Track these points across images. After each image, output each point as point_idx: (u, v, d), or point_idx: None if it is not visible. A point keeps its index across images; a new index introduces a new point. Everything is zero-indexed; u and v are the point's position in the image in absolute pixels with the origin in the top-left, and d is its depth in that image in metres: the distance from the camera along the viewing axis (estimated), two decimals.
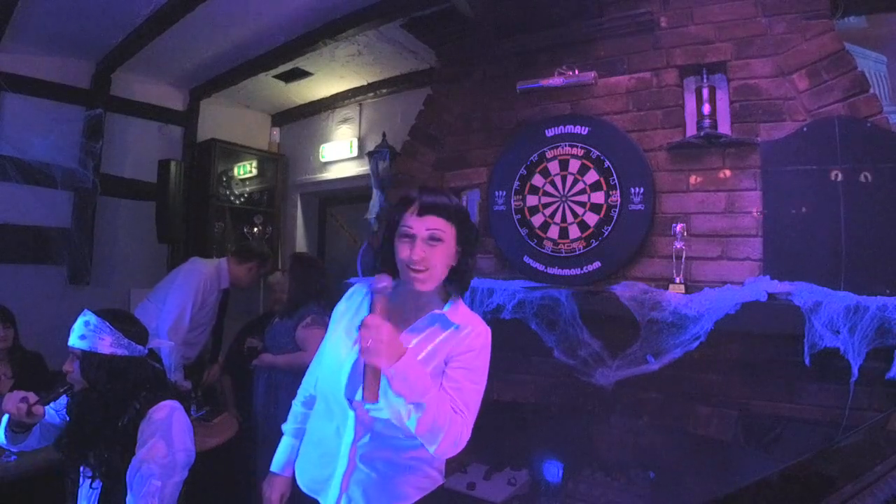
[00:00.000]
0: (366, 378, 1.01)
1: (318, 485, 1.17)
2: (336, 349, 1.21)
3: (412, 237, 1.14)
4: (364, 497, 1.13)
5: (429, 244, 1.14)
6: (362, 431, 1.13)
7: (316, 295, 2.48)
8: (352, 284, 1.35)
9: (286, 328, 2.42)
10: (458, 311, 1.21)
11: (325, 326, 1.33)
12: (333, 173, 3.98)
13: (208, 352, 3.00)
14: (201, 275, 2.74)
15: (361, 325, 1.02)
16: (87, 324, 1.44)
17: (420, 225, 1.14)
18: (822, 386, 1.78)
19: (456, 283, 1.23)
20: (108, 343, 1.43)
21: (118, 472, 1.33)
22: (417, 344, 1.17)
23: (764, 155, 1.99)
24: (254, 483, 2.34)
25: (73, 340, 1.43)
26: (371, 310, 1.07)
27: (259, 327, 2.76)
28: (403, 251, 1.14)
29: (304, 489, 1.21)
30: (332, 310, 1.32)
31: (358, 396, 1.12)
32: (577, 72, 2.35)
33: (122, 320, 1.49)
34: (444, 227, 1.15)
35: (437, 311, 1.19)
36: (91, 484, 1.36)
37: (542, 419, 2.56)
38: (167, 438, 1.34)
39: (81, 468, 1.39)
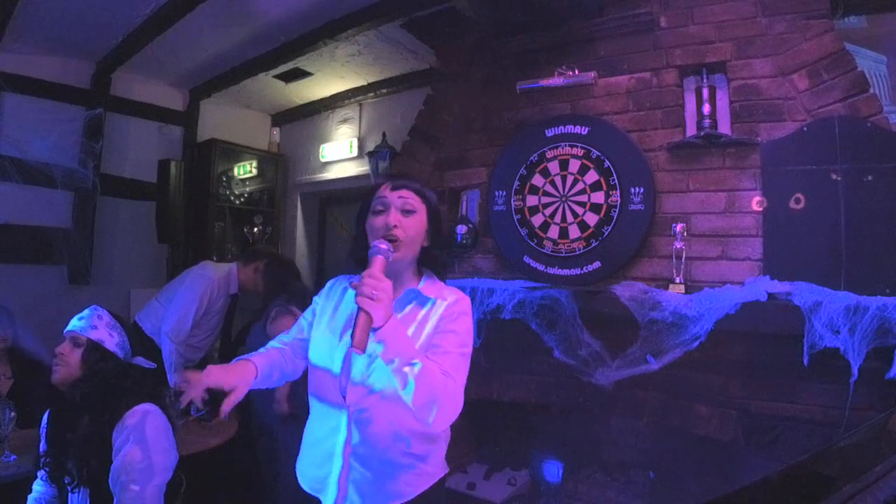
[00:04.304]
0: (357, 326, 0.98)
1: (318, 484, 1.18)
2: (322, 348, 1.21)
3: (386, 206, 1.18)
4: (360, 496, 1.13)
5: (403, 213, 1.18)
6: (355, 431, 1.13)
7: (283, 292, 2.45)
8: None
9: (259, 330, 2.41)
10: (433, 287, 1.23)
11: (291, 314, 1.33)
12: (333, 173, 3.98)
13: (215, 353, 3.01)
14: (209, 280, 2.74)
15: (364, 276, 1.01)
16: (99, 317, 1.47)
17: (393, 195, 1.19)
18: (822, 386, 1.78)
19: (430, 266, 1.26)
20: (115, 342, 1.47)
21: (98, 476, 1.33)
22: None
23: (764, 155, 1.99)
24: (254, 483, 2.35)
25: (82, 328, 1.44)
26: (371, 266, 1.05)
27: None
28: (378, 221, 1.17)
29: (305, 489, 1.21)
30: (297, 300, 1.32)
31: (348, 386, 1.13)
32: (577, 72, 2.35)
33: (125, 324, 1.54)
34: (416, 201, 1.21)
35: (410, 287, 1.21)
36: (73, 489, 1.36)
37: (542, 419, 2.56)
38: (141, 443, 1.34)
39: (65, 479, 1.37)
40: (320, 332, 1.24)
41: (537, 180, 2.42)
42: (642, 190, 2.18)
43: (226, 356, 3.02)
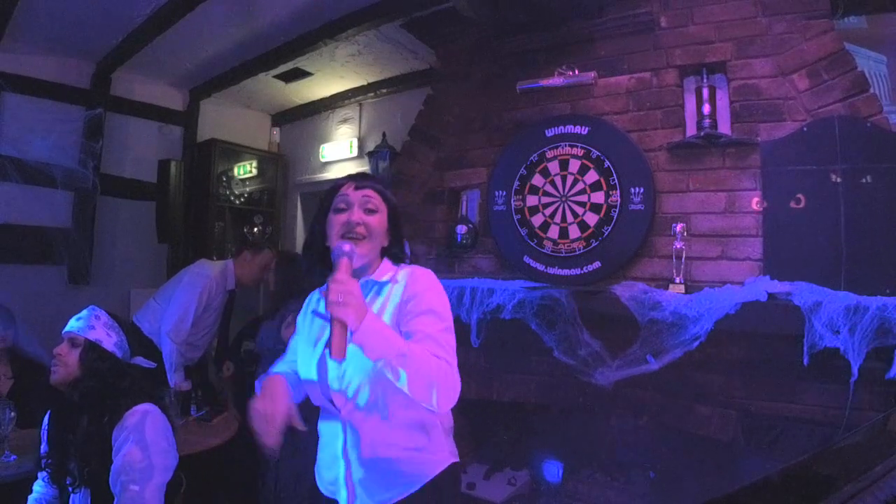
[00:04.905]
0: (332, 335, 0.97)
1: (332, 486, 1.20)
2: (305, 359, 1.22)
3: (349, 204, 1.18)
4: (368, 494, 1.15)
5: (365, 212, 1.18)
6: (349, 433, 1.15)
7: (298, 293, 2.45)
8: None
9: (270, 329, 2.39)
10: (387, 269, 1.22)
11: None
12: (333, 173, 3.98)
13: (213, 351, 3.00)
14: (207, 277, 2.73)
15: (329, 282, 1.00)
16: (96, 317, 1.47)
17: (357, 194, 1.19)
18: (822, 386, 1.78)
19: (388, 257, 1.25)
20: (114, 342, 1.48)
21: (99, 476, 1.33)
22: None
23: (764, 155, 1.99)
24: (254, 483, 2.34)
25: (79, 328, 1.44)
26: (336, 271, 1.04)
27: (256, 329, 2.75)
28: (340, 219, 1.16)
29: (322, 491, 1.23)
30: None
31: (331, 385, 1.14)
32: (577, 72, 2.35)
33: (124, 324, 1.55)
34: (378, 201, 1.21)
35: (365, 279, 1.19)
36: (74, 489, 1.36)
37: (542, 419, 2.56)
38: (141, 443, 1.34)
39: (67, 479, 1.38)
40: (301, 345, 1.26)
41: (537, 180, 2.42)
42: (642, 190, 2.18)
43: (223, 354, 3.02)
